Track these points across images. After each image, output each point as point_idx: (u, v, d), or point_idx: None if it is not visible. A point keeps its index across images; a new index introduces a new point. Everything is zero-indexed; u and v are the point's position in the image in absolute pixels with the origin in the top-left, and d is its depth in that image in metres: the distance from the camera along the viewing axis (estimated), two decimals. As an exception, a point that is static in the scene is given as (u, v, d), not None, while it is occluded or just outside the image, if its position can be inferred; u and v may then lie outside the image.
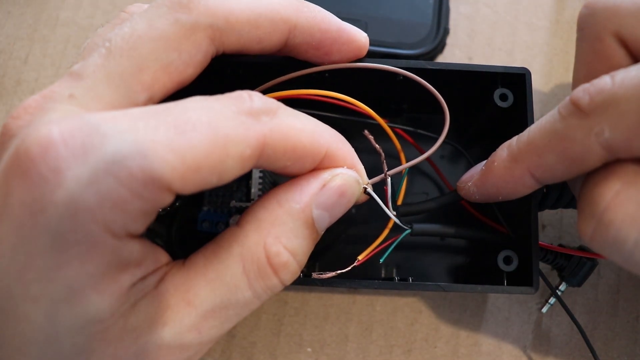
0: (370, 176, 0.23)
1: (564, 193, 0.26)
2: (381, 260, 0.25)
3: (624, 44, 0.22)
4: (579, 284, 0.29)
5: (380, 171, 0.24)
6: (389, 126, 0.26)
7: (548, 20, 0.38)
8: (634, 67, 0.20)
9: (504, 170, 0.23)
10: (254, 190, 0.28)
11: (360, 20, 0.35)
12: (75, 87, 0.19)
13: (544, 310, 0.31)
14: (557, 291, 0.29)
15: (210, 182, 0.18)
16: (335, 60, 0.24)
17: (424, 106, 0.26)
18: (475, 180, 0.25)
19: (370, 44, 0.35)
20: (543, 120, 0.22)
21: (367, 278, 0.25)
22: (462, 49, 0.37)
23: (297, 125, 0.20)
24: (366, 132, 0.24)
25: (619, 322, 0.32)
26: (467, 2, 0.38)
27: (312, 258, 0.24)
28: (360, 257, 0.24)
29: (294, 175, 0.21)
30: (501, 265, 0.25)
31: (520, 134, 0.23)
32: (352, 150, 0.22)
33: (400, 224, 0.25)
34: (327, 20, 0.23)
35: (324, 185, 0.21)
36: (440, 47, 0.36)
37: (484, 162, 0.25)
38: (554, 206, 0.27)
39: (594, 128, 0.19)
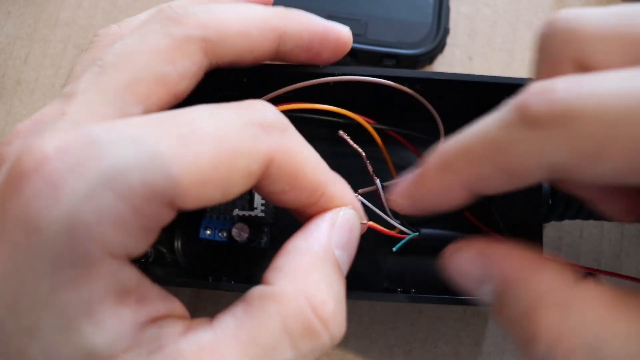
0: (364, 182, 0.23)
1: (570, 205, 0.26)
2: (394, 249, 0.25)
3: (584, 71, 0.18)
4: None
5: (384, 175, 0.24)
6: (391, 130, 0.26)
7: (548, 20, 0.38)
8: (602, 75, 0.16)
9: (434, 180, 0.20)
10: (257, 198, 0.28)
11: (360, 20, 0.35)
12: (67, 105, 0.18)
13: None
14: None
15: (215, 198, 0.17)
16: (326, 58, 0.24)
17: (427, 113, 0.26)
18: (405, 192, 0.22)
19: (370, 44, 0.35)
20: (482, 124, 0.18)
21: (370, 289, 0.25)
22: (462, 49, 0.37)
23: (304, 152, 0.19)
24: (341, 132, 0.24)
25: (618, 322, 0.32)
26: (467, 2, 0.38)
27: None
28: (369, 222, 0.23)
29: (286, 207, 0.20)
30: None
31: (453, 138, 0.19)
32: (350, 189, 0.21)
33: (406, 229, 0.25)
34: (314, 21, 0.23)
35: (333, 225, 0.20)
36: (440, 47, 0.36)
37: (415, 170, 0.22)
38: (560, 218, 0.27)
39: (541, 145, 0.16)
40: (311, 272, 0.18)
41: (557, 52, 0.18)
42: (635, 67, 0.16)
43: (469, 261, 0.20)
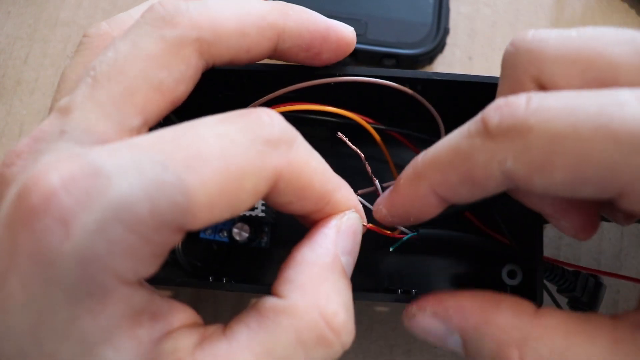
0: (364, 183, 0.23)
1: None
2: (391, 249, 0.25)
3: (544, 90, 0.19)
4: (593, 308, 0.28)
5: (382, 174, 0.24)
6: (391, 130, 0.26)
7: (548, 20, 0.38)
8: (554, 94, 0.17)
9: (408, 188, 0.21)
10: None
11: (360, 20, 0.35)
12: (65, 122, 0.18)
13: None
14: None
15: (223, 217, 0.17)
16: (326, 59, 0.24)
17: (428, 114, 0.26)
18: (385, 201, 0.22)
19: (371, 44, 0.35)
20: (451, 135, 0.19)
21: (370, 289, 0.25)
22: (462, 49, 0.37)
23: (311, 164, 0.19)
24: (340, 134, 0.24)
25: (618, 322, 0.32)
26: (467, 2, 0.38)
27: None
28: (368, 225, 0.23)
29: (292, 214, 0.20)
30: (505, 279, 0.25)
31: (428, 149, 0.20)
32: (353, 193, 0.22)
33: (406, 229, 0.25)
34: (315, 20, 0.22)
35: (338, 232, 0.20)
36: (440, 47, 0.36)
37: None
38: None
39: (497, 155, 0.17)
40: (321, 283, 0.19)
41: (519, 72, 0.19)
42: (586, 89, 0.17)
43: (428, 322, 0.21)
